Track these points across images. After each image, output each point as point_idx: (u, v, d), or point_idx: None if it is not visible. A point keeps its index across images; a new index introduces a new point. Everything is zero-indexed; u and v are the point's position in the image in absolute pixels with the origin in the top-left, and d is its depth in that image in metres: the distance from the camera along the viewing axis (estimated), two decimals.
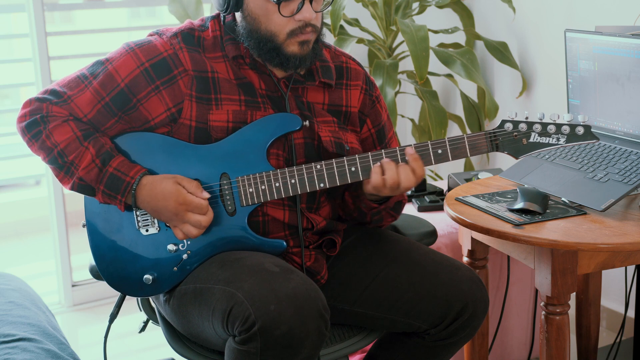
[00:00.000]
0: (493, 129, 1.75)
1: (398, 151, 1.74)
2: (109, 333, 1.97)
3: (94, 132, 1.75)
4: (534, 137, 1.75)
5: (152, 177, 1.73)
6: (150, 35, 1.82)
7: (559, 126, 1.74)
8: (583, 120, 1.74)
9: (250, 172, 1.75)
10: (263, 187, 1.74)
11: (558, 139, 1.74)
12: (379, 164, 1.73)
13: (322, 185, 1.74)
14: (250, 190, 1.75)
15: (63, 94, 1.75)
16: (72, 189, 1.75)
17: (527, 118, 1.75)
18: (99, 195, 1.74)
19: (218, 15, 1.83)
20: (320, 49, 1.82)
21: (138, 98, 1.75)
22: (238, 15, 1.78)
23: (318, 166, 1.74)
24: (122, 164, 1.73)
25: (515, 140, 1.75)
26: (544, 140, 1.75)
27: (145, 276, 1.77)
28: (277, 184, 1.74)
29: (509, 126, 1.75)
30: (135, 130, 1.77)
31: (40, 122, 1.73)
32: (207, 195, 1.73)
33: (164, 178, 1.73)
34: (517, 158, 1.76)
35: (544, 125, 1.74)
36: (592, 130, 1.74)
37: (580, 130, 1.74)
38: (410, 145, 1.74)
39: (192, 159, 1.76)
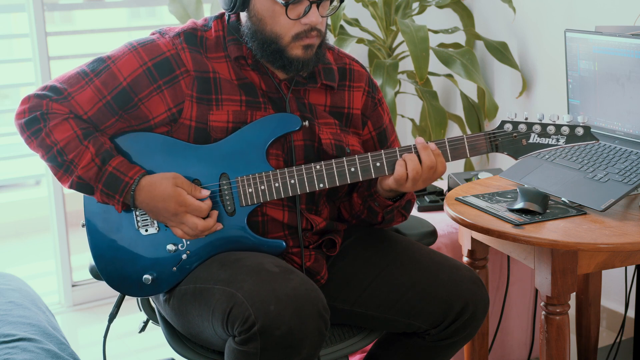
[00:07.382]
0: (493, 130, 1.75)
1: (398, 151, 1.74)
2: (108, 333, 1.97)
3: (93, 130, 1.74)
4: (534, 138, 1.75)
5: (150, 177, 1.73)
6: (153, 34, 1.81)
7: (558, 127, 1.74)
8: (583, 120, 1.74)
9: (250, 172, 1.75)
10: (262, 187, 1.74)
11: (558, 140, 1.74)
12: (402, 158, 1.72)
13: (321, 185, 1.74)
14: (250, 190, 1.74)
15: (63, 90, 1.75)
16: (70, 187, 1.75)
17: (526, 119, 1.75)
18: (98, 194, 1.74)
19: (221, 15, 1.82)
20: (324, 54, 1.81)
21: (140, 97, 1.74)
22: (243, 15, 1.77)
23: (318, 166, 1.74)
24: (122, 164, 1.73)
25: (515, 141, 1.75)
26: (544, 141, 1.75)
27: (145, 276, 1.77)
28: (276, 184, 1.74)
29: (508, 127, 1.75)
30: (134, 130, 1.77)
31: (40, 120, 1.72)
32: (206, 192, 1.73)
33: (163, 179, 1.72)
34: (516, 159, 1.76)
35: (544, 126, 1.74)
36: (591, 131, 1.74)
37: (579, 131, 1.74)
38: (427, 142, 1.73)
39: (191, 159, 1.76)
